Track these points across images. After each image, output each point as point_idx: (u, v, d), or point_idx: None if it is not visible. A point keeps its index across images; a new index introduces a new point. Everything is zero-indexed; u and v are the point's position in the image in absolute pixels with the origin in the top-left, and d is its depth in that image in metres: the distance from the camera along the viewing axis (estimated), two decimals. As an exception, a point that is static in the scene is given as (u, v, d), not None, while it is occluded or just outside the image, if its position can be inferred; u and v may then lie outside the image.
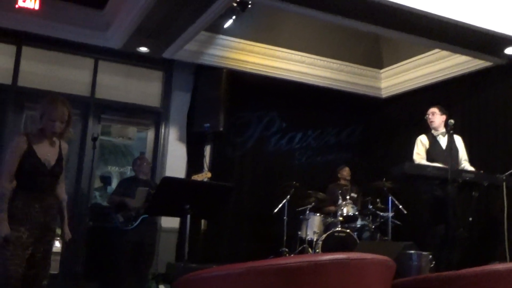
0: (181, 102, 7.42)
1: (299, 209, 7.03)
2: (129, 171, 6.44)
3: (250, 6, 6.27)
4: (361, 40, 7.63)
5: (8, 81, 6.58)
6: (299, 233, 6.93)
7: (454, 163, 5.27)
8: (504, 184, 5.31)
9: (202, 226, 7.17)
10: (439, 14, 5.30)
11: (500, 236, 5.52)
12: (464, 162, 5.73)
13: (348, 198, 6.98)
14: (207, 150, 7.53)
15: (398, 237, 6.63)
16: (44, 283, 3.55)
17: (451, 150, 5.26)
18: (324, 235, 6.55)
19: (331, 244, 6.42)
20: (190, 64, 7.32)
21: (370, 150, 8.43)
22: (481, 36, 5.71)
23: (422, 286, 2.43)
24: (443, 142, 5.68)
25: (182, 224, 6.65)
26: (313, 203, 6.97)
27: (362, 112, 8.47)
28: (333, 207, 7.08)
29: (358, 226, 6.82)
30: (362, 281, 1.95)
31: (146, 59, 7.12)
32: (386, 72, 8.25)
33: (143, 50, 6.79)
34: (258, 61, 7.41)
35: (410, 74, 7.82)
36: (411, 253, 4.74)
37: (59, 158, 3.66)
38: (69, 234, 3.78)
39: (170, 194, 3.63)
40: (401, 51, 7.77)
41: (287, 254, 6.67)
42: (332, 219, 6.89)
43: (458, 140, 5.76)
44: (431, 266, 4.70)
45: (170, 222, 6.83)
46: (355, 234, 6.61)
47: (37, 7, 5.95)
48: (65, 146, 3.75)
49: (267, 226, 7.29)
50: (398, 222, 6.85)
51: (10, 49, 6.62)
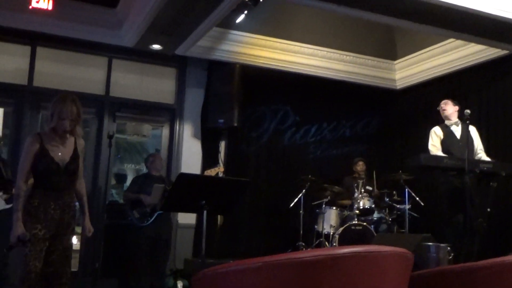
0: (195, 98, 7.43)
1: (315, 203, 7.03)
2: (144, 169, 6.49)
3: (262, 0, 6.24)
4: (374, 31, 7.57)
5: (24, 81, 6.66)
6: (316, 227, 6.93)
7: (470, 153, 5.22)
8: (522, 174, 5.26)
9: (219, 222, 7.19)
10: (455, 3, 5.23)
11: (519, 226, 5.48)
12: (480, 152, 5.68)
13: (363, 191, 6.95)
14: (222, 145, 7.54)
15: (416, 229, 6.58)
16: (64, 281, 3.57)
17: (468, 140, 5.22)
18: (340, 229, 6.53)
19: (348, 237, 6.40)
20: (203, 60, 7.33)
21: (386, 142, 8.37)
22: (497, 24, 5.62)
23: (441, 278, 2.41)
24: (458, 132, 5.66)
25: (199, 220, 6.69)
26: (329, 197, 6.95)
27: (377, 104, 8.41)
28: (349, 200, 7.06)
29: (375, 219, 6.80)
30: (381, 273, 1.94)
31: (159, 57, 7.14)
32: (400, 63, 8.17)
33: (156, 47, 6.80)
34: (270, 55, 7.39)
35: (424, 64, 7.74)
36: (429, 245, 4.70)
37: (74, 155, 3.67)
38: (90, 228, 3.79)
39: (186, 190, 3.64)
40: (415, 42, 7.69)
41: (304, 248, 6.68)
42: (348, 212, 6.87)
43: (473, 130, 5.69)
44: (450, 258, 4.66)
45: (186, 219, 6.88)
46: (372, 227, 6.58)
47: (50, 8, 5.99)
48: (81, 142, 3.76)
49: (283, 221, 7.31)
50: (416, 215, 6.80)
51: (25, 50, 6.69)
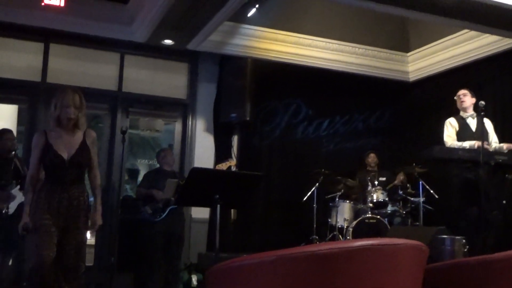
0: (207, 93, 7.43)
1: (329, 196, 7.02)
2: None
3: (273, -6, 6.24)
4: (386, 23, 7.50)
5: (37, 78, 6.70)
6: (329, 220, 6.92)
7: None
8: (538, 165, 5.20)
9: (232, 216, 7.21)
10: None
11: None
12: (494, 144, 5.63)
13: (377, 183, 6.92)
14: (235, 140, 7.54)
15: (430, 222, 6.54)
16: (78, 275, 3.61)
17: (483, 132, 5.17)
18: (354, 222, 6.52)
19: (362, 230, 6.39)
20: (215, 54, 7.32)
21: (399, 135, 8.31)
22: (510, 14, 5.56)
23: (456, 270, 2.40)
24: (473, 124, 5.63)
25: (213, 214, 6.70)
26: (342, 190, 6.93)
27: (390, 96, 8.35)
28: (362, 194, 7.03)
29: (389, 212, 6.77)
30: (395, 266, 1.93)
31: (171, 52, 7.14)
32: (413, 55, 8.10)
33: (168, 42, 6.81)
34: (282, 49, 7.36)
35: (437, 56, 7.66)
36: (444, 237, 4.69)
37: (81, 147, 3.70)
38: (97, 221, 3.74)
39: (200, 185, 3.65)
40: (427, 33, 7.61)
41: (318, 242, 6.67)
42: (362, 206, 6.85)
43: (488, 122, 5.66)
44: (465, 250, 4.64)
45: (200, 213, 6.90)
46: (386, 220, 6.55)
47: (62, 4, 6.02)
48: (91, 134, 3.79)
49: (297, 214, 7.30)
50: (430, 207, 6.77)
51: (38, 46, 6.73)
